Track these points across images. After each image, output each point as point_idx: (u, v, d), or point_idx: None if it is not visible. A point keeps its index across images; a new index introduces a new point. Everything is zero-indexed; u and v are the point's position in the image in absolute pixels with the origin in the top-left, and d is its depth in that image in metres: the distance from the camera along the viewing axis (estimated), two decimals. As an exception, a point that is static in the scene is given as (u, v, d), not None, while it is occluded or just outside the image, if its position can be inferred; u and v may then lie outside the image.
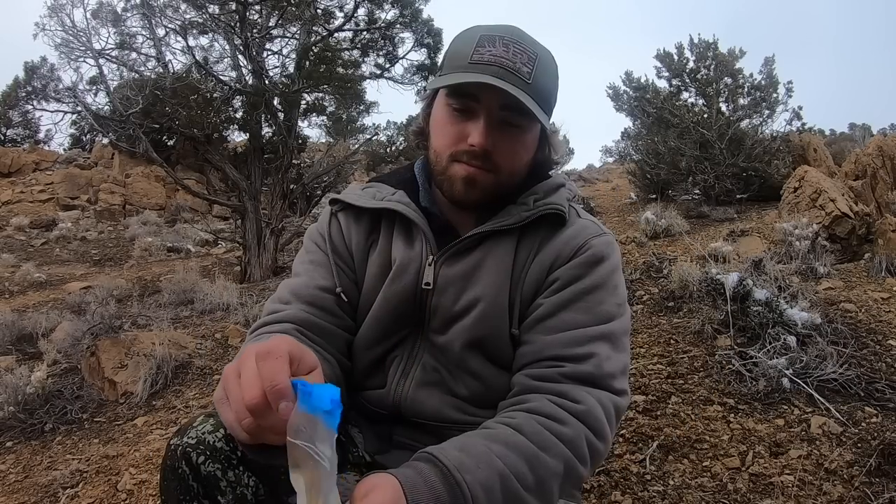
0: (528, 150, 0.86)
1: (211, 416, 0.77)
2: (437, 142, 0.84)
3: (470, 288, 0.84)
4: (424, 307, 0.86)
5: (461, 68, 0.78)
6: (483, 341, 0.84)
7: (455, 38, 0.84)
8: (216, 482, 0.73)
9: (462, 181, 0.82)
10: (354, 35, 7.21)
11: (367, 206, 0.90)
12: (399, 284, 0.86)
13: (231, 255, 8.06)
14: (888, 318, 2.26)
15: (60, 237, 10.30)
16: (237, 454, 0.75)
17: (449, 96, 0.81)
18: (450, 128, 0.82)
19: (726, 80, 6.86)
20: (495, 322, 0.83)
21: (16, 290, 6.40)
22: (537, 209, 0.85)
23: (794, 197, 4.05)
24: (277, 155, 6.81)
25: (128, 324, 3.64)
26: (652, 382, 1.96)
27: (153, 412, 2.43)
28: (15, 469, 2.08)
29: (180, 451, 0.74)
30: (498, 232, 0.85)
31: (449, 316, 0.85)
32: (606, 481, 1.53)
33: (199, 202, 12.08)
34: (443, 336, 0.86)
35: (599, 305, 0.81)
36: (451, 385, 0.87)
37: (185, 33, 6.23)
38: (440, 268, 0.85)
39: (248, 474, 0.75)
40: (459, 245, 0.85)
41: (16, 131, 16.73)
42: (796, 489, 1.36)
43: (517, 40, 0.79)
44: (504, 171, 0.82)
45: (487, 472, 0.63)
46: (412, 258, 0.86)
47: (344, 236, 0.92)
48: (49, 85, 9.08)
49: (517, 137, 0.82)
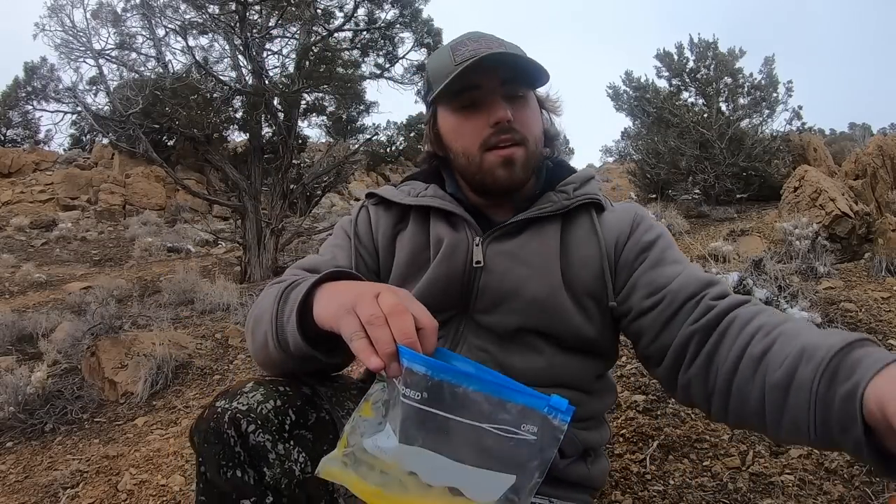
0: (538, 117, 0.91)
1: (261, 385, 0.75)
2: (460, 144, 0.87)
3: (518, 268, 0.85)
4: (472, 287, 0.87)
5: (450, 73, 0.82)
6: (537, 321, 0.85)
7: (429, 62, 0.91)
8: (265, 453, 0.70)
9: (501, 166, 0.85)
10: (354, 35, 7.22)
11: (402, 201, 0.93)
12: (449, 264, 0.87)
13: (231, 255, 8.07)
14: (888, 317, 2.26)
15: (60, 237, 10.31)
16: (287, 427, 0.73)
17: (453, 101, 0.86)
18: (467, 125, 0.86)
19: (726, 80, 6.86)
20: (549, 304, 0.84)
21: (16, 290, 6.40)
22: (577, 198, 0.89)
23: (794, 196, 4.05)
24: (277, 155, 6.81)
25: (128, 324, 3.64)
26: (652, 382, 1.96)
27: (153, 412, 2.43)
28: (15, 469, 2.08)
29: (229, 415, 0.70)
30: (540, 218, 0.88)
31: (498, 295, 0.86)
32: (606, 481, 1.53)
33: (199, 202, 12.09)
34: (490, 316, 0.86)
35: (678, 253, 0.88)
36: (502, 359, 0.86)
37: (185, 33, 6.23)
38: (488, 247, 0.87)
39: (299, 450, 0.73)
40: (506, 228, 0.88)
41: (16, 131, 16.74)
42: (796, 489, 1.36)
43: (483, 35, 0.86)
44: (530, 140, 0.86)
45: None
46: (460, 239, 0.88)
47: (371, 226, 0.95)
48: (49, 85, 9.10)
49: (525, 105, 0.87)
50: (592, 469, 0.93)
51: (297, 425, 0.74)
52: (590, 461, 0.93)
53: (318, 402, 0.79)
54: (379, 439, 0.60)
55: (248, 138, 7.17)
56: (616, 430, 1.72)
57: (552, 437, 0.58)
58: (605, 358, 0.94)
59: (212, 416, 0.71)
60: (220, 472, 0.69)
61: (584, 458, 0.92)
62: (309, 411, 0.76)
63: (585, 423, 0.91)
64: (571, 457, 0.89)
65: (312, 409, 0.77)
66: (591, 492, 0.95)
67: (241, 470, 0.69)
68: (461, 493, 0.59)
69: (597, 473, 0.94)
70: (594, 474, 0.93)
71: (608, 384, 0.97)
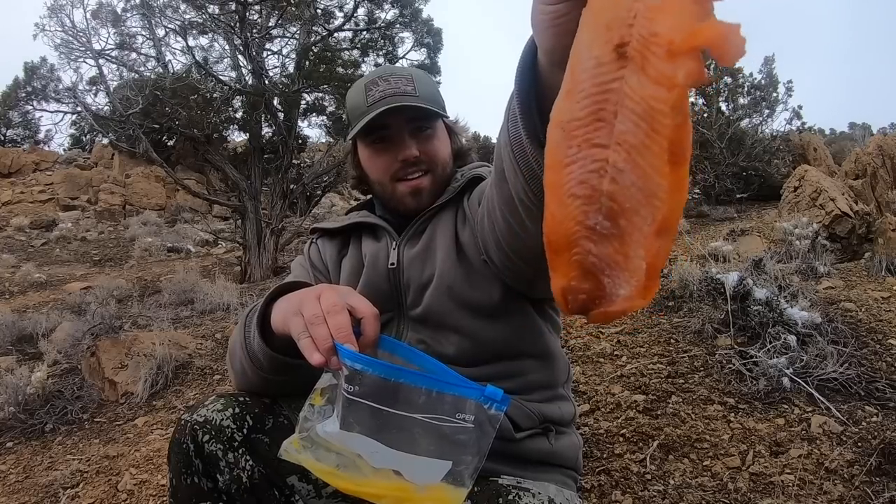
0: (445, 143, 1.01)
1: (222, 397, 0.85)
2: (375, 175, 1.00)
3: (430, 258, 0.94)
4: (399, 287, 0.95)
5: (363, 114, 0.94)
6: (452, 299, 0.90)
7: (348, 96, 1.02)
8: (216, 461, 0.79)
9: (409, 195, 0.97)
10: (354, 35, 7.22)
11: (335, 226, 1.08)
12: (373, 271, 0.97)
13: (231, 255, 8.07)
14: (888, 317, 2.26)
15: (60, 237, 10.31)
16: (242, 433, 0.82)
17: (367, 137, 0.97)
18: (378, 160, 0.98)
19: (726, 80, 6.86)
20: (453, 278, 0.91)
21: (16, 290, 6.40)
22: (461, 180, 0.99)
23: (794, 196, 4.05)
24: (277, 155, 6.81)
25: (128, 324, 3.64)
26: (652, 382, 1.96)
27: (153, 412, 2.43)
28: (15, 469, 2.08)
29: (188, 427, 0.80)
30: (439, 208, 0.98)
31: (419, 286, 0.94)
32: (607, 481, 1.53)
33: (199, 202, 12.09)
34: (419, 308, 0.93)
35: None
36: (437, 347, 0.91)
37: (185, 33, 6.23)
38: (403, 249, 0.97)
39: (247, 458, 0.81)
40: (414, 227, 0.98)
41: (16, 131, 16.74)
42: (797, 488, 1.36)
43: (392, 72, 0.97)
44: (437, 167, 0.98)
45: None
46: (380, 248, 0.99)
47: (321, 254, 1.08)
48: (49, 85, 9.09)
49: (431, 137, 0.98)
50: (556, 445, 0.93)
51: (255, 430, 0.84)
52: (552, 437, 0.93)
53: (278, 409, 0.89)
54: (327, 425, 0.67)
55: (248, 138, 7.17)
56: (616, 430, 1.72)
57: (489, 424, 0.62)
58: (522, 312, 0.93)
59: (177, 429, 0.82)
60: (181, 478, 0.80)
61: (545, 433, 0.93)
62: (266, 417, 0.86)
63: (539, 395, 0.94)
64: (528, 429, 0.90)
65: (270, 415, 0.87)
66: (562, 470, 0.94)
67: (197, 477, 0.79)
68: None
69: (562, 449, 0.94)
70: (559, 450, 0.93)
71: (556, 355, 0.98)
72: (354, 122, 0.97)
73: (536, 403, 0.92)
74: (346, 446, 0.65)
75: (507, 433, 0.88)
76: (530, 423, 0.91)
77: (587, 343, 2.32)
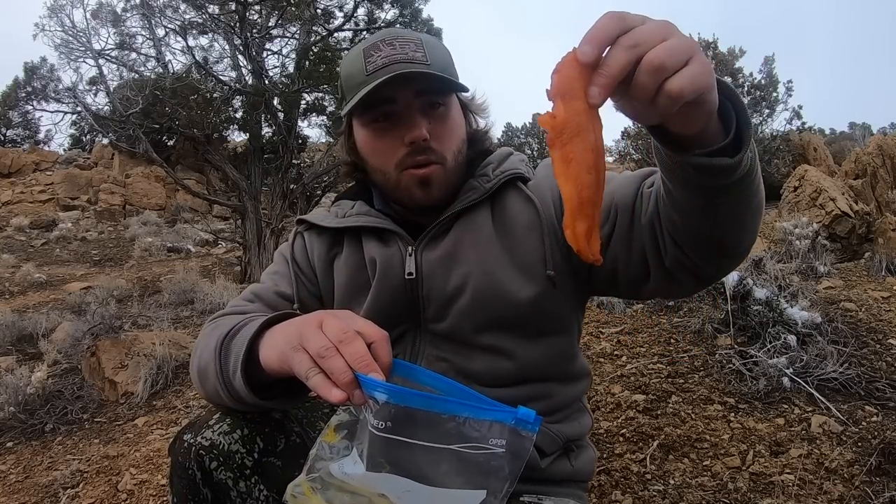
0: (460, 125, 0.85)
1: (228, 416, 0.75)
2: (376, 162, 0.83)
3: (456, 267, 0.81)
4: (417, 298, 0.83)
5: (361, 84, 0.77)
6: (490, 315, 0.81)
7: (342, 64, 0.84)
8: (227, 491, 0.72)
9: (417, 186, 0.80)
10: (354, 35, 7.21)
11: (330, 225, 0.90)
12: (386, 281, 0.84)
13: (231, 255, 8.07)
14: (888, 316, 2.26)
15: (60, 237, 10.31)
16: (252, 457, 0.74)
17: (366, 114, 0.80)
18: (381, 142, 0.81)
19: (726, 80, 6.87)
20: (496, 291, 0.80)
21: (16, 290, 6.40)
22: (497, 178, 0.84)
23: (794, 196, 4.05)
24: (277, 155, 6.81)
25: (128, 324, 3.64)
26: (652, 381, 1.96)
27: (154, 412, 2.43)
28: (15, 469, 2.08)
29: (193, 451, 0.71)
30: (468, 209, 0.83)
31: (443, 300, 0.82)
32: (607, 481, 1.53)
33: (199, 202, 12.10)
34: (442, 323, 0.83)
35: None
36: (463, 366, 0.83)
37: (185, 33, 6.23)
38: (421, 255, 0.83)
39: (261, 487, 0.74)
40: (435, 230, 0.83)
41: (16, 132, 16.75)
42: (797, 488, 1.36)
43: (397, 35, 0.79)
44: (449, 157, 0.82)
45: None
46: (392, 254, 0.84)
47: (307, 252, 0.92)
48: (49, 85, 9.10)
49: (444, 116, 0.81)
50: (577, 463, 0.90)
51: (266, 453, 0.75)
52: (573, 456, 0.90)
53: (289, 425, 0.80)
54: (345, 465, 0.61)
55: (248, 138, 7.17)
56: (616, 430, 1.72)
57: (521, 447, 0.58)
58: (569, 333, 0.88)
59: (179, 449, 0.73)
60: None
61: (566, 453, 0.89)
62: (278, 437, 0.78)
63: (562, 414, 0.88)
64: (552, 454, 0.86)
65: (282, 434, 0.78)
66: (579, 485, 0.93)
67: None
68: None
69: (582, 467, 0.91)
70: (579, 468, 0.90)
71: (580, 367, 0.92)
72: (350, 95, 0.80)
73: (559, 425, 0.87)
74: (372, 488, 0.60)
75: (534, 462, 0.82)
76: (554, 448, 0.86)
77: (587, 343, 2.32)
